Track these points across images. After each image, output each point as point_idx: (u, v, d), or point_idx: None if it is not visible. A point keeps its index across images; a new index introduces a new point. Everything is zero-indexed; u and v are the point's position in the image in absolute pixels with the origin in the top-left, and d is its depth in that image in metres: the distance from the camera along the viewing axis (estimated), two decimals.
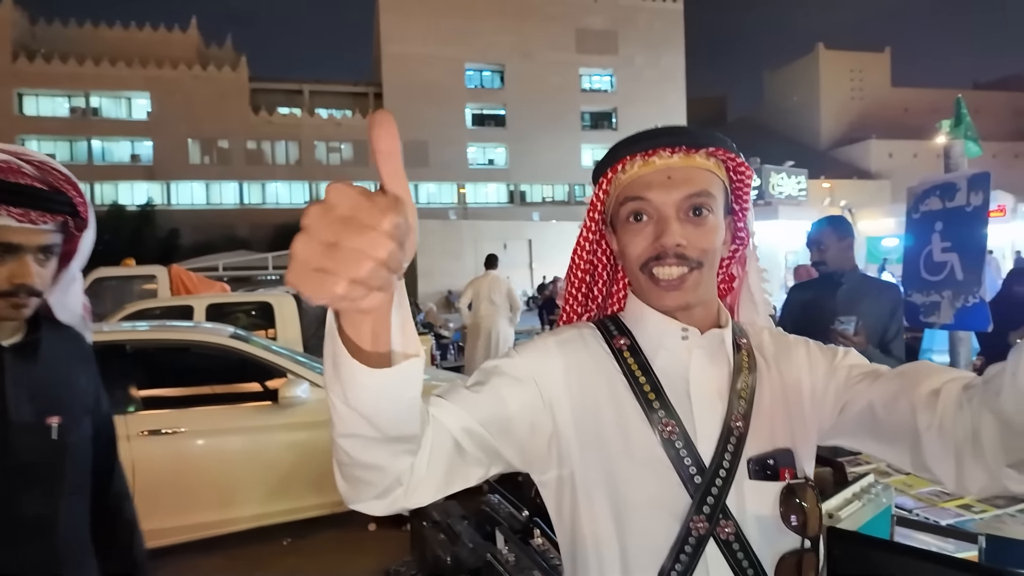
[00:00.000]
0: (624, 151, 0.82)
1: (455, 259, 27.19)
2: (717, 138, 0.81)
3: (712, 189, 0.79)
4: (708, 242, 0.78)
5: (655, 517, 0.75)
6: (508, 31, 41.86)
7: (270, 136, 40.85)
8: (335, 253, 0.42)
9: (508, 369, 0.78)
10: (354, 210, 0.43)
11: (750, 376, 0.81)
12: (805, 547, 0.75)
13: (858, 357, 0.84)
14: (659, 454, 0.75)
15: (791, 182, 22.18)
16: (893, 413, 0.71)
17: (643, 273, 0.79)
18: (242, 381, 4.01)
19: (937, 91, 78.45)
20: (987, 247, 2.31)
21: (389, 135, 0.49)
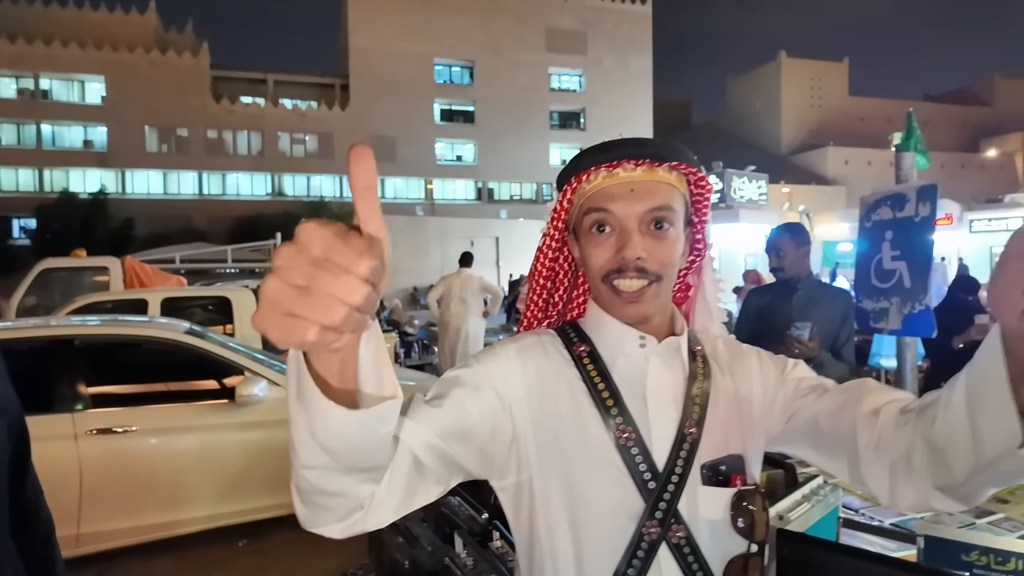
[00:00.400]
0: (589, 161, 0.83)
1: (421, 256, 27.01)
2: (680, 152, 0.83)
3: (673, 203, 0.81)
4: (668, 255, 0.80)
5: (610, 521, 0.77)
6: (478, 28, 41.68)
7: (231, 126, 39.75)
8: (307, 297, 0.40)
9: (468, 378, 0.78)
10: (328, 251, 0.41)
11: (704, 383, 0.84)
12: (751, 551, 0.78)
13: (806, 370, 0.88)
14: (615, 459, 0.77)
15: (752, 186, 22.72)
16: (836, 428, 0.75)
17: (605, 284, 0.81)
18: (198, 378, 3.91)
19: (891, 101, 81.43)
20: (934, 254, 2.41)
21: (368, 169, 0.47)
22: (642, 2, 45.36)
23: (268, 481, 3.47)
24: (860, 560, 1.10)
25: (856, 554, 1.14)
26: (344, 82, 41.56)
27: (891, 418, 0.69)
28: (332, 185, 41.46)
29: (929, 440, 0.62)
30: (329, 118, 40.62)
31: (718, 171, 21.89)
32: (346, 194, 21.80)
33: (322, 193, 40.67)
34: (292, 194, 40.93)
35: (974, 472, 0.58)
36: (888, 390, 0.76)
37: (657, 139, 0.83)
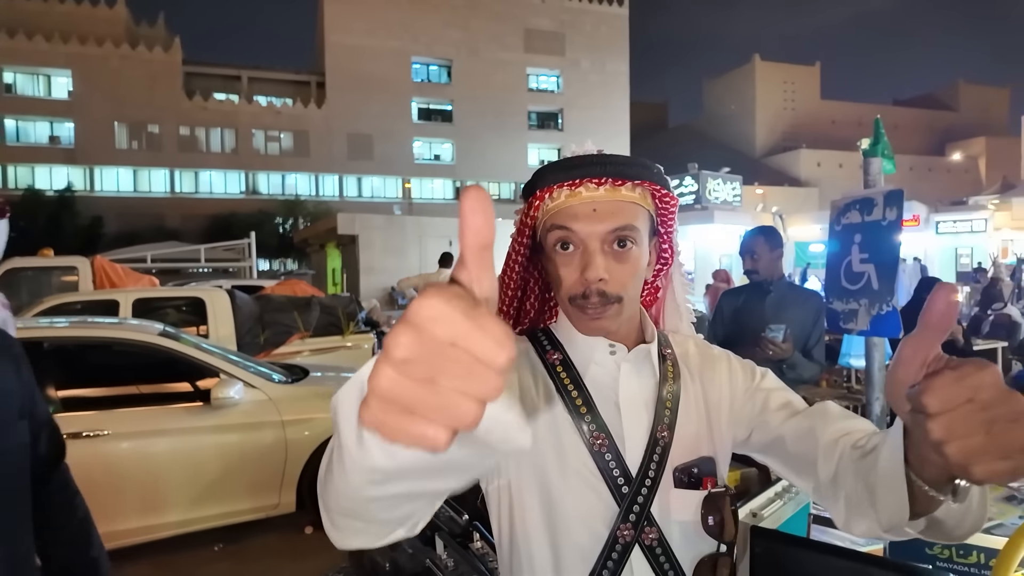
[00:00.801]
0: (551, 178, 0.82)
1: (399, 255, 26.78)
2: (644, 170, 0.83)
3: (637, 222, 0.82)
4: (629, 275, 0.81)
5: (585, 525, 0.79)
6: (456, 26, 41.57)
7: (204, 122, 39.06)
8: (434, 395, 0.33)
9: None
10: (458, 338, 0.33)
11: (675, 387, 0.86)
12: (721, 550, 0.81)
13: (775, 381, 0.90)
14: (589, 465, 0.79)
15: (727, 188, 23.04)
16: (801, 453, 0.78)
17: (571, 305, 0.82)
18: (171, 381, 3.85)
19: (862, 105, 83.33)
20: (902, 255, 2.48)
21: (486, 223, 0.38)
22: (619, 4, 45.68)
23: (244, 484, 3.44)
24: (829, 555, 1.14)
25: (825, 549, 1.18)
26: (320, 79, 41.13)
27: (847, 452, 0.71)
28: (308, 184, 40.98)
29: (867, 485, 0.65)
30: (305, 116, 40.16)
31: (693, 173, 22.15)
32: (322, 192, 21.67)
33: (297, 192, 40.18)
34: (267, 192, 40.37)
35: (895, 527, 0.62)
36: (848, 418, 0.78)
37: (620, 156, 0.83)
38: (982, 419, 0.44)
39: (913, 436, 0.54)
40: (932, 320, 0.50)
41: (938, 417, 0.45)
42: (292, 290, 7.49)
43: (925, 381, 0.46)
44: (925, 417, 0.46)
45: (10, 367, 1.08)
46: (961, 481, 0.53)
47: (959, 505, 0.56)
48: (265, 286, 8.10)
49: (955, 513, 0.57)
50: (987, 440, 0.44)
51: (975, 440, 0.44)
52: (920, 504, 0.57)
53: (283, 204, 38.07)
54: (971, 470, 0.45)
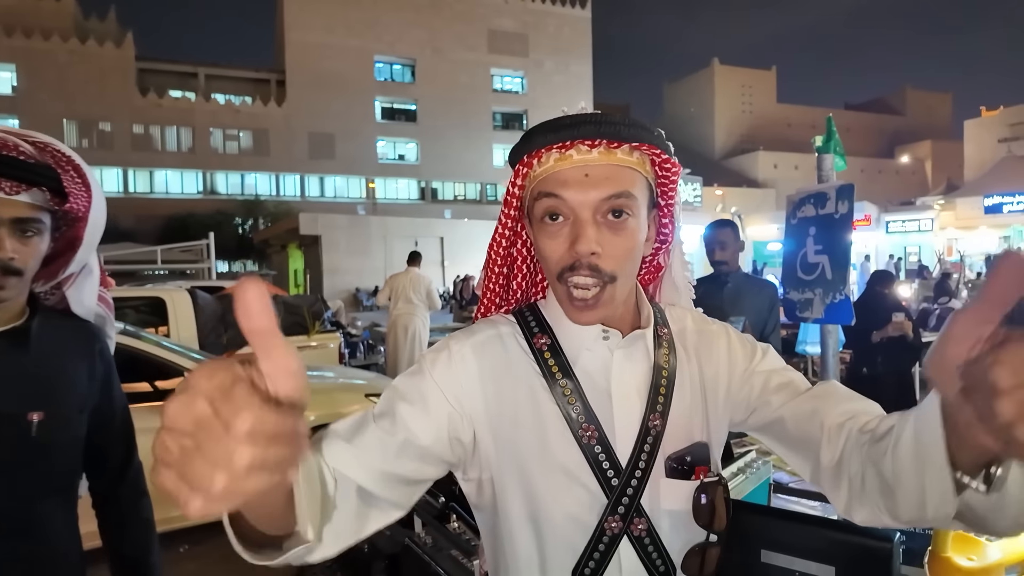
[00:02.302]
0: (540, 140, 0.74)
1: (363, 256, 26.50)
2: (643, 131, 0.74)
3: (634, 189, 0.73)
4: (625, 249, 0.73)
5: (572, 517, 0.75)
6: (419, 26, 41.35)
7: (159, 120, 37.93)
8: (191, 462, 0.36)
9: (420, 390, 0.74)
10: (212, 403, 0.36)
11: (670, 370, 0.80)
12: (710, 540, 0.77)
13: (776, 359, 0.84)
14: (577, 458, 0.74)
15: (688, 189, 23.51)
16: (802, 436, 0.74)
17: (560, 283, 0.75)
18: (132, 381, 3.76)
19: (815, 109, 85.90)
20: (856, 252, 2.61)
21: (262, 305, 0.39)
22: (582, 6, 46.13)
23: None
24: (788, 520, 1.21)
25: (785, 515, 1.25)
26: (280, 77, 40.37)
27: (853, 435, 0.67)
28: (267, 183, 40.19)
29: (880, 472, 0.61)
30: (265, 114, 39.36)
31: None
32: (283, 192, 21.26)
33: (257, 191, 39.35)
34: (225, 192, 39.44)
35: (918, 520, 0.59)
36: (856, 400, 0.73)
37: (617, 116, 0.74)
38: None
39: (955, 418, 0.48)
40: (996, 291, 0.43)
41: (1010, 394, 0.39)
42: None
43: (996, 352, 0.41)
44: (992, 395, 0.40)
45: (84, 361, 1.09)
46: (996, 469, 0.50)
47: (992, 497, 0.51)
48: (226, 287, 7.94)
49: (986, 504, 0.52)
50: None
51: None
52: None
53: (242, 204, 37.24)
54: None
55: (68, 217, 1.06)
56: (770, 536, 1.27)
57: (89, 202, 1.05)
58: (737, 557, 1.33)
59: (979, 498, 0.52)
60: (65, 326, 1.10)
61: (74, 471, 1.08)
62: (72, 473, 1.07)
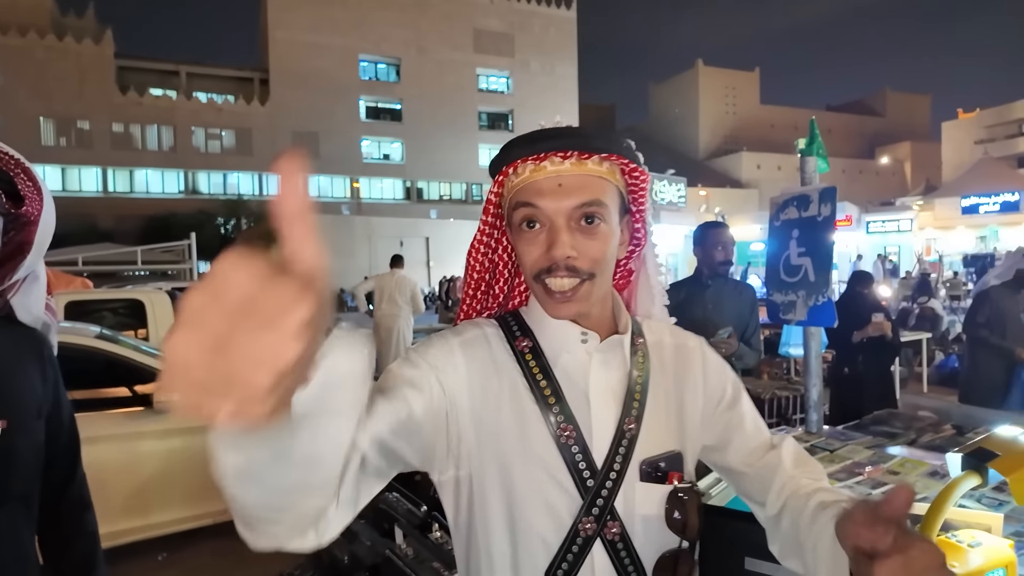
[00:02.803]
0: (516, 152, 0.80)
1: (347, 256, 26.39)
2: (611, 143, 0.79)
3: (605, 197, 0.78)
4: (599, 252, 0.78)
5: (547, 518, 0.76)
6: (404, 25, 41.16)
7: (140, 119, 37.35)
8: (225, 360, 0.32)
9: (413, 372, 0.76)
10: (254, 296, 0.32)
11: (644, 378, 0.83)
12: (683, 547, 0.79)
13: (748, 402, 0.93)
14: (555, 457, 0.76)
15: (672, 189, 23.65)
16: (755, 489, 0.87)
17: (537, 283, 0.79)
18: (110, 385, 3.69)
19: (798, 110, 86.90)
20: (840, 252, 2.63)
21: (297, 187, 0.36)
22: (567, 7, 46.22)
23: (189, 491, 3.33)
24: None
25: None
26: (264, 76, 39.96)
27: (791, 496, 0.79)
28: (250, 183, 39.76)
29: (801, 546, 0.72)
30: (248, 113, 38.95)
31: None
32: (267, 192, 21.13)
33: (240, 191, 38.92)
34: (208, 192, 38.95)
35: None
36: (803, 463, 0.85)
37: (587, 129, 0.79)
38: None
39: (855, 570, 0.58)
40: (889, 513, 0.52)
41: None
42: None
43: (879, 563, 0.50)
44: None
45: (36, 366, 1.07)
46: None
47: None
48: None
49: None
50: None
51: None
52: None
53: (225, 204, 36.81)
54: None
55: (18, 221, 1.02)
56: (754, 543, 1.26)
57: (41, 205, 1.02)
58: (722, 563, 1.33)
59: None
60: (14, 335, 1.06)
61: (35, 478, 1.05)
62: (33, 480, 1.04)
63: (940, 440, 2.28)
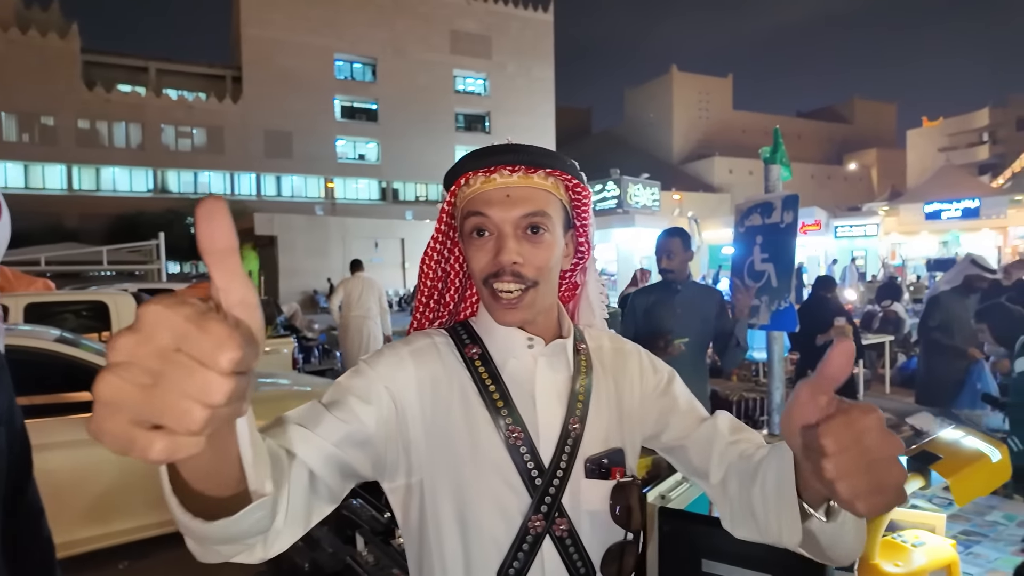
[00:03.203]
0: (469, 166, 0.85)
1: (321, 256, 26.04)
2: (555, 160, 0.85)
3: (549, 209, 0.83)
4: (543, 259, 0.83)
5: (498, 518, 0.79)
6: (381, 25, 40.87)
7: (107, 116, 36.41)
8: (155, 399, 0.33)
9: (363, 384, 0.79)
10: (179, 341, 0.34)
11: (587, 381, 0.88)
12: (628, 539, 0.83)
13: (682, 386, 0.95)
14: (504, 459, 0.80)
15: (646, 193, 23.88)
16: (697, 459, 0.86)
17: (486, 288, 0.83)
18: (70, 390, 3.59)
19: (769, 116, 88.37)
20: (804, 257, 2.70)
21: (222, 227, 0.38)
22: (544, 10, 46.40)
23: (151, 498, 3.26)
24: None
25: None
26: (236, 74, 39.30)
27: (734, 462, 0.79)
28: (222, 182, 39.06)
29: (750, 499, 0.72)
30: (219, 111, 38.27)
31: (616, 178, 22.81)
32: (238, 191, 20.70)
33: (211, 190, 38.22)
34: (178, 191, 38.18)
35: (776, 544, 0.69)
36: (739, 430, 0.86)
37: (533, 147, 0.85)
38: (867, 460, 0.50)
39: (801, 466, 0.60)
40: (830, 373, 0.53)
41: (832, 457, 0.50)
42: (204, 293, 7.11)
43: (824, 424, 0.51)
44: (820, 455, 0.50)
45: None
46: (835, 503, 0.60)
47: (831, 524, 0.62)
48: (175, 290, 7.68)
49: (828, 531, 0.63)
50: (869, 478, 0.50)
51: (860, 479, 0.50)
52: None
53: (195, 203, 35.15)
54: (855, 504, 0.50)
55: None
56: (711, 545, 1.29)
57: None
58: (680, 566, 1.35)
59: (821, 527, 0.62)
60: None
61: (2, 482, 1.01)
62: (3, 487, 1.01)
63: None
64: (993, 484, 1.07)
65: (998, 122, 59.33)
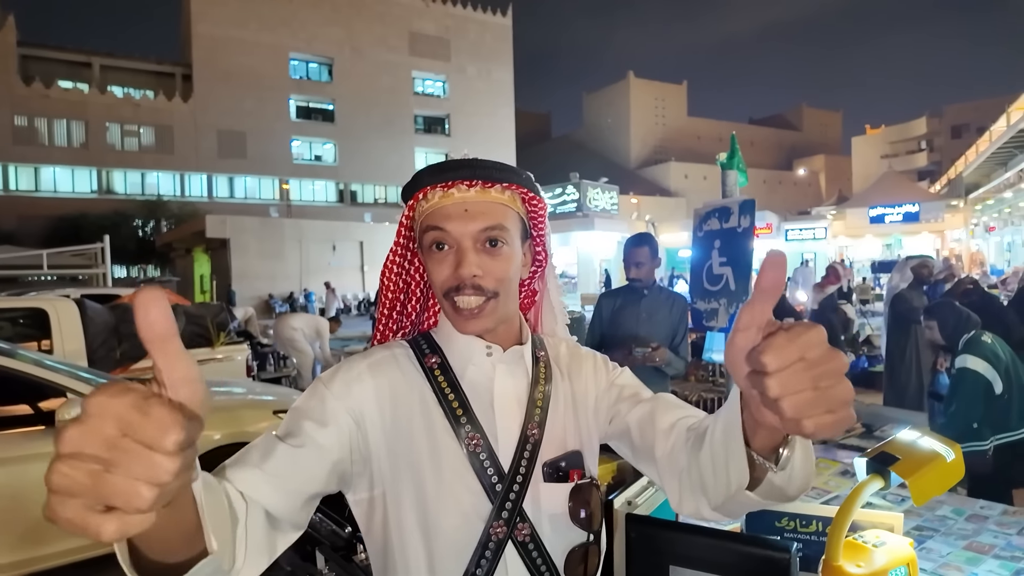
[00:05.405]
0: (426, 180, 0.86)
1: (276, 260, 25.42)
2: (511, 174, 0.87)
3: (506, 222, 0.85)
4: (503, 271, 0.84)
5: (460, 526, 0.80)
6: (337, 24, 40.25)
7: (47, 112, 34.73)
8: (104, 484, 0.36)
9: (318, 406, 0.79)
10: (126, 428, 0.36)
11: (546, 387, 0.89)
12: (590, 540, 0.84)
13: (630, 377, 0.96)
14: (465, 467, 0.81)
15: (605, 197, 24.19)
16: (643, 438, 0.84)
17: (446, 300, 0.84)
18: (6, 403, 3.39)
19: (723, 123, 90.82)
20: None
21: (160, 316, 0.41)
22: (503, 14, 46.55)
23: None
24: (696, 535, 1.24)
25: (692, 530, 1.28)
26: (186, 71, 38.09)
27: (680, 435, 0.78)
28: (171, 183, 37.77)
29: (698, 464, 0.70)
30: (168, 109, 36.99)
31: (575, 182, 23.05)
32: (189, 193, 20.11)
33: (160, 191, 36.91)
34: (124, 192, 36.74)
35: (726, 499, 0.66)
36: (683, 407, 0.84)
37: (490, 161, 0.87)
38: (811, 376, 0.47)
39: (748, 401, 0.57)
40: (765, 285, 0.52)
41: (775, 375, 0.48)
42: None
43: (764, 341, 0.49)
44: (763, 376, 0.48)
45: None
46: (784, 450, 0.59)
47: (782, 472, 0.60)
48: (122, 295, 7.35)
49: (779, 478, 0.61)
50: (815, 395, 0.47)
51: (806, 395, 0.47)
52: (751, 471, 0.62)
53: (143, 205, 34.80)
54: (802, 424, 0.48)
55: None
56: (678, 551, 1.29)
57: None
58: (647, 572, 1.35)
59: (774, 475, 0.61)
60: None
61: None
62: None
63: (851, 438, 2.42)
64: (948, 483, 1.10)
65: (934, 131, 62.40)
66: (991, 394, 2.57)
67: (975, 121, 53.31)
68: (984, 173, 26.62)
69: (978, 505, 1.91)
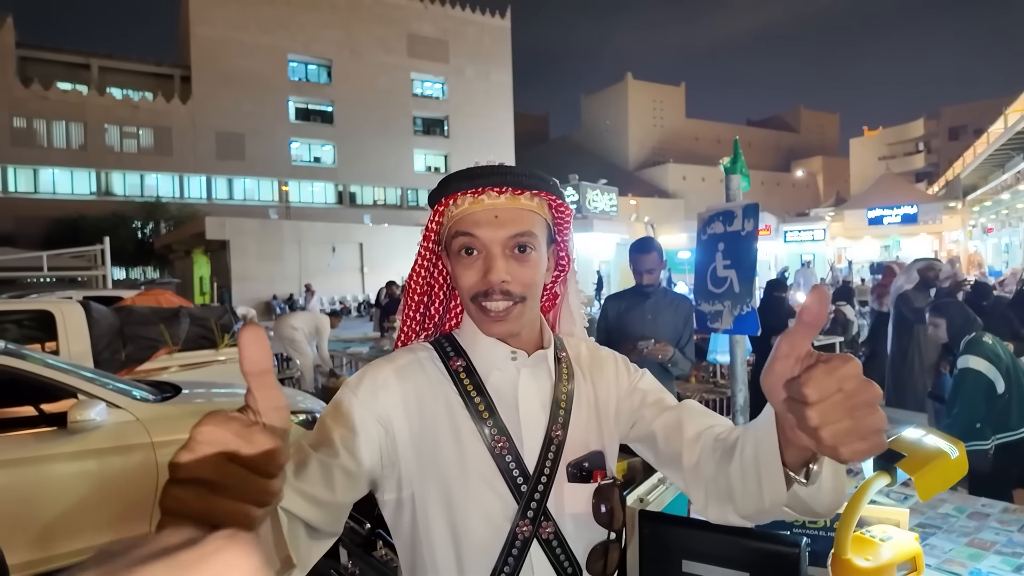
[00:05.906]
0: (456, 186, 0.87)
1: (275, 261, 25.40)
2: (541, 181, 0.89)
3: (535, 228, 0.87)
4: (531, 277, 0.86)
5: (487, 525, 0.82)
6: (336, 26, 40.25)
7: (45, 114, 34.66)
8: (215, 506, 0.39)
9: (349, 415, 0.81)
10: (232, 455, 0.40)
11: (568, 388, 0.92)
12: (611, 538, 0.87)
13: (652, 381, 0.99)
14: (491, 468, 0.83)
15: (604, 198, 24.22)
16: (669, 445, 0.87)
17: (474, 304, 0.86)
18: (16, 404, 3.42)
19: (721, 124, 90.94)
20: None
21: (260, 352, 0.45)
22: (501, 16, 46.56)
23: (109, 514, 3.12)
24: (707, 531, 1.28)
25: (702, 525, 1.32)
26: (185, 73, 38.04)
27: (707, 444, 0.80)
28: (170, 184, 37.71)
29: (727, 475, 0.73)
30: (167, 111, 36.96)
31: (574, 183, 23.08)
32: (188, 194, 20.07)
33: (158, 193, 36.86)
34: (123, 193, 36.66)
35: (757, 511, 0.71)
36: (709, 415, 0.87)
37: (520, 168, 0.88)
38: (848, 406, 0.51)
39: (782, 422, 0.61)
40: (808, 319, 0.54)
41: (815, 405, 0.51)
42: (156, 300, 6.88)
43: (805, 374, 0.52)
44: (803, 405, 0.52)
45: None
46: (813, 466, 0.62)
47: (810, 488, 0.63)
48: (124, 297, 7.37)
49: (808, 493, 0.65)
50: (851, 424, 0.51)
51: (843, 424, 0.51)
52: None
53: (142, 206, 34.75)
54: (839, 451, 0.52)
55: None
56: (689, 546, 1.32)
57: None
58: (660, 567, 1.39)
59: (803, 489, 0.64)
60: None
61: None
62: None
63: None
64: (953, 479, 1.13)
65: (932, 132, 62.50)
66: (993, 394, 2.60)
67: (972, 123, 53.39)
68: (982, 175, 26.71)
69: (980, 503, 1.95)
